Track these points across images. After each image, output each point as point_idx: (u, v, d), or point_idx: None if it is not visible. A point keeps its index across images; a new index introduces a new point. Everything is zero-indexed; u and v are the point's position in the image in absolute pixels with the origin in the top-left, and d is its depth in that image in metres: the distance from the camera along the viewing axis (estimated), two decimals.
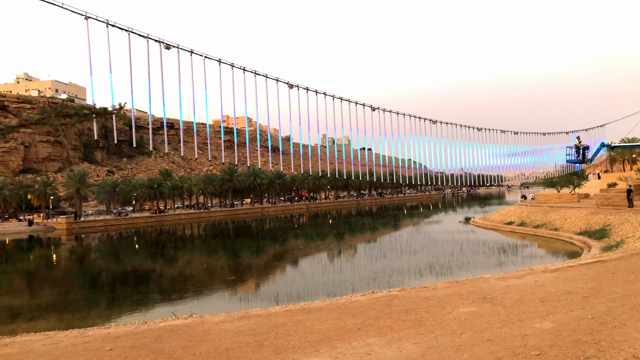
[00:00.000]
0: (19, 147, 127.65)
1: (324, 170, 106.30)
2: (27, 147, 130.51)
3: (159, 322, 11.65)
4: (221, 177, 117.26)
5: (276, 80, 24.21)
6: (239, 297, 25.96)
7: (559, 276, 14.21)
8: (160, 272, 38.24)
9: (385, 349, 8.20)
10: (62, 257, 51.56)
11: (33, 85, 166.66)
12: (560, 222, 43.30)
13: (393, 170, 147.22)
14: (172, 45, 19.23)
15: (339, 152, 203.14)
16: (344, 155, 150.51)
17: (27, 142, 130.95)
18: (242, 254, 46.59)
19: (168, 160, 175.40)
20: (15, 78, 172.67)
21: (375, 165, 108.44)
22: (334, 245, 50.13)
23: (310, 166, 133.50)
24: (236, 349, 8.78)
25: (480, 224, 57.67)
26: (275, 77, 24.18)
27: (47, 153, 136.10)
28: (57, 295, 29.27)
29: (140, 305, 25.07)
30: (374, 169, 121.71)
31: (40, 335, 11.05)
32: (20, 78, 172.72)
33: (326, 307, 11.91)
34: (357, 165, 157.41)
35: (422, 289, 13.74)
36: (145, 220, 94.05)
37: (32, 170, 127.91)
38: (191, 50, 20.06)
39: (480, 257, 34.83)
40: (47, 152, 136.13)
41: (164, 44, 18.92)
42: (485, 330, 8.93)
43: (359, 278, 28.76)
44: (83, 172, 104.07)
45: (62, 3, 15.77)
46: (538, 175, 68.44)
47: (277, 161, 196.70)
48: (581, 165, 54.59)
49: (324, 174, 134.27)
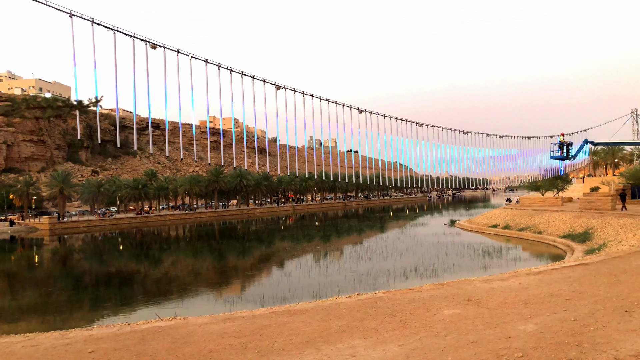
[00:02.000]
0: (1, 146, 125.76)
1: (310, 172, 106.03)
2: (9, 146, 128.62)
3: (142, 324, 11.53)
4: (207, 178, 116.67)
5: (263, 82, 24.17)
6: (223, 299, 25.82)
7: (543, 279, 14.33)
8: (144, 273, 37.90)
9: (370, 351, 8.19)
10: (44, 258, 50.86)
11: (16, 84, 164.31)
12: (544, 225, 43.75)
13: (379, 173, 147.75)
14: (158, 45, 19.09)
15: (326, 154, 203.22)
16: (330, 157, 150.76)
17: (10, 141, 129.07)
18: (227, 255, 46.36)
19: (153, 161, 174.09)
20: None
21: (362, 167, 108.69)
22: (320, 247, 50.10)
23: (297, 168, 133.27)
24: (220, 351, 8.71)
25: (465, 227, 58.05)
26: (263, 78, 24.14)
27: (30, 152, 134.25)
28: (39, 297, 28.85)
29: (123, 307, 24.81)
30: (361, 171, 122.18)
31: (20, 337, 10.86)
32: (2, 76, 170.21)
33: (311, 309, 11.88)
34: (343, 167, 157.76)
35: (408, 290, 13.77)
36: (130, 221, 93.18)
37: (15, 170, 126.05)
38: (177, 50, 19.93)
39: (465, 259, 35.05)
40: (30, 152, 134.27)
41: (150, 44, 18.77)
42: (469, 332, 8.96)
43: (344, 280, 28.77)
44: (67, 172, 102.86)
45: (46, 0, 15.57)
46: (523, 179, 69.14)
47: (263, 162, 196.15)
48: (565, 167, 55.28)
49: (311, 176, 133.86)
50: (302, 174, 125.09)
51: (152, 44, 18.80)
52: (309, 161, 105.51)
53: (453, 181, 58.81)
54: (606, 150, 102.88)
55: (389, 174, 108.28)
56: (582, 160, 62.01)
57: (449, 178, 58.97)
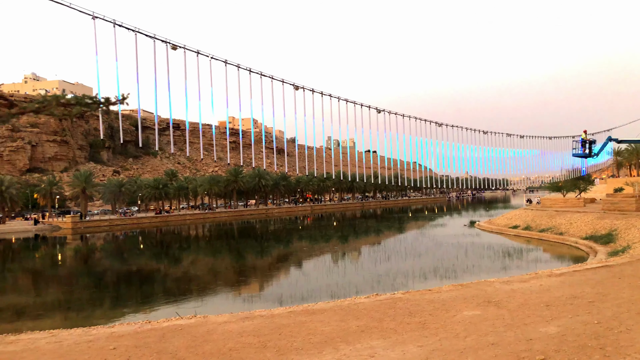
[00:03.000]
0: (26, 146, 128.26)
1: (328, 172, 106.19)
2: (34, 147, 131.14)
3: (162, 322, 11.67)
4: (226, 178, 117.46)
5: (282, 82, 24.25)
6: (242, 298, 25.96)
7: (565, 280, 14.13)
8: (164, 272, 38.30)
9: (389, 352, 8.17)
10: (67, 256, 51.75)
11: (40, 85, 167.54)
12: (565, 226, 43.10)
13: (398, 173, 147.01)
14: (178, 46, 19.28)
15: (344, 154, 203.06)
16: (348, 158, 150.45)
17: (34, 142, 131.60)
18: (246, 255, 46.62)
19: (174, 161, 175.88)
20: (23, 78, 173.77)
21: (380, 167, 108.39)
22: (338, 248, 50.08)
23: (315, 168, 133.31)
24: (239, 349, 8.77)
25: (485, 228, 57.48)
26: (281, 78, 24.22)
27: (54, 152, 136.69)
28: (62, 294, 29.37)
29: (144, 305, 25.10)
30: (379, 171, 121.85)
31: (44, 334, 11.09)
32: (28, 78, 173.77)
33: (330, 309, 11.89)
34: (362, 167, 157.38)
35: (427, 291, 13.70)
36: (151, 220, 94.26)
37: (39, 170, 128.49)
38: (197, 50, 20.12)
39: (485, 260, 34.71)
40: (54, 152, 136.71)
41: (170, 45, 18.98)
42: (489, 333, 8.88)
43: (362, 280, 28.70)
44: (89, 171, 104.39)
45: (69, 3, 15.85)
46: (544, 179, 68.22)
47: (282, 163, 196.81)
48: (587, 168, 54.38)
49: (329, 176, 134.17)
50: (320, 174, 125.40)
51: (172, 45, 19.00)
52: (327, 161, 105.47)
53: (473, 182, 58.31)
54: (630, 150, 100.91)
55: (407, 174, 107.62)
56: (605, 160, 60.94)
57: (468, 178, 58.46)
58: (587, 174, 61.30)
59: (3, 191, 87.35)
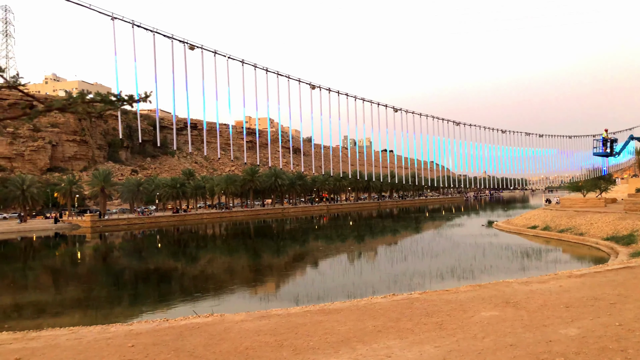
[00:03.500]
0: (47, 146, 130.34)
1: (344, 172, 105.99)
2: (54, 146, 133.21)
3: (180, 320, 11.76)
4: (243, 178, 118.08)
5: (298, 81, 24.28)
6: (259, 297, 26.05)
7: (585, 282, 13.92)
8: (181, 270, 38.62)
9: (406, 352, 8.12)
10: (86, 254, 52.47)
11: (60, 86, 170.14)
12: (586, 226, 42.45)
13: (415, 172, 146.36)
14: (196, 46, 19.41)
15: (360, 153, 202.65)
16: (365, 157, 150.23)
17: (55, 141, 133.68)
18: (262, 254, 46.79)
19: (191, 160, 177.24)
20: (44, 78, 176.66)
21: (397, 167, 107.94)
22: (354, 247, 50.00)
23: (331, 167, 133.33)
24: (256, 348, 8.80)
25: (503, 228, 56.90)
26: (298, 78, 24.24)
27: (73, 152, 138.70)
28: (81, 292, 29.78)
29: (161, 303, 25.34)
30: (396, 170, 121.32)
31: (65, 331, 11.24)
32: (48, 78, 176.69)
33: (346, 309, 11.86)
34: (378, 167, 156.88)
35: (444, 292, 13.60)
36: (168, 219, 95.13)
37: (59, 169, 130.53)
38: (215, 50, 20.23)
39: (503, 261, 34.35)
40: (73, 151, 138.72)
41: (188, 45, 19.11)
42: (508, 334, 8.78)
43: (379, 280, 28.61)
44: (108, 171, 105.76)
45: (89, 4, 16.05)
46: (563, 179, 67.29)
47: (298, 162, 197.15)
48: (608, 167, 53.54)
49: (345, 176, 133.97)
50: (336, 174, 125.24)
51: (190, 45, 19.14)
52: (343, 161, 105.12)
53: (490, 181, 57.78)
54: None
55: (424, 174, 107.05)
56: (627, 159, 59.94)
57: (486, 178, 57.93)
58: (608, 174, 60.34)
59: (24, 190, 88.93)
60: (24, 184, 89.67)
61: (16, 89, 8.27)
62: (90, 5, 16.18)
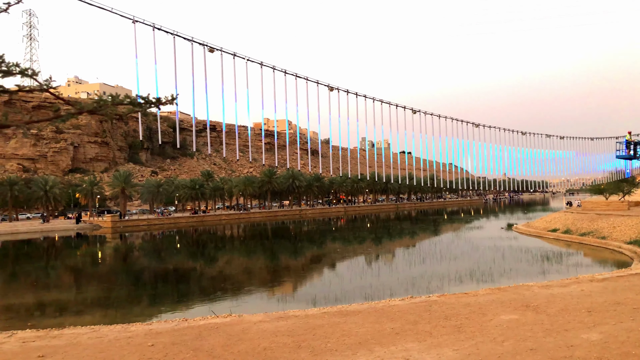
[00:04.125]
0: (69, 147, 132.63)
1: (362, 174, 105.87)
2: (76, 148, 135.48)
3: (199, 320, 11.86)
4: (261, 179, 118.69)
5: (316, 83, 24.32)
6: (276, 298, 26.13)
7: (607, 286, 13.69)
8: (200, 271, 38.93)
9: (424, 355, 8.09)
10: (106, 254, 53.21)
11: (82, 88, 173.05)
12: (608, 230, 41.73)
13: (433, 174, 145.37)
14: (215, 48, 19.58)
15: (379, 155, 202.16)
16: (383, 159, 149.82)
17: (76, 143, 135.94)
18: (280, 255, 46.93)
19: (210, 162, 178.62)
20: (67, 81, 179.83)
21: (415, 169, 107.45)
22: (371, 249, 49.86)
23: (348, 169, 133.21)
24: (274, 349, 8.83)
25: (523, 231, 56.22)
26: (316, 79, 24.29)
27: (95, 153, 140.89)
28: (102, 291, 30.20)
29: (180, 303, 25.57)
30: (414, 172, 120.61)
31: (86, 329, 11.42)
32: (71, 81, 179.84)
33: (364, 311, 11.85)
34: (396, 169, 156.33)
35: (463, 295, 13.50)
36: (187, 220, 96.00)
37: (80, 170, 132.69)
38: (234, 53, 20.38)
39: (522, 264, 33.93)
40: (95, 153, 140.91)
41: (207, 47, 19.29)
42: (528, 339, 8.68)
43: (397, 282, 28.48)
44: (128, 172, 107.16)
45: (111, 7, 16.31)
46: (585, 182, 66.23)
47: (315, 164, 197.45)
48: (632, 170, 52.59)
49: (363, 177, 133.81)
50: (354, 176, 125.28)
51: (209, 48, 19.32)
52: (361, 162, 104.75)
53: (510, 183, 57.13)
54: None
55: (443, 176, 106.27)
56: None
57: (505, 180, 57.32)
58: (631, 176, 59.25)
59: (47, 191, 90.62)
60: (46, 184, 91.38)
61: (47, 91, 8.45)
62: (112, 8, 16.44)
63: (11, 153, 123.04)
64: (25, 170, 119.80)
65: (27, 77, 8.28)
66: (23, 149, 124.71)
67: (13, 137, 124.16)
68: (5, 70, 7.88)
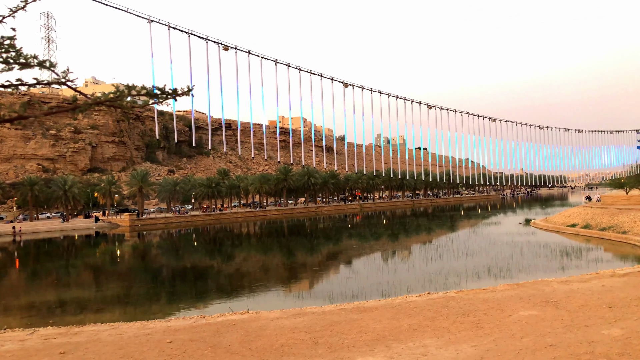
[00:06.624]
0: (87, 147, 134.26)
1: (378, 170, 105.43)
2: (94, 148, 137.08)
3: (216, 317, 11.94)
4: (276, 177, 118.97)
5: (331, 80, 24.27)
6: (293, 295, 26.20)
7: (629, 281, 13.48)
8: (217, 268, 39.19)
9: (442, 351, 8.04)
10: (125, 252, 53.82)
11: (99, 89, 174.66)
12: (629, 224, 41.07)
13: (450, 170, 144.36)
14: (230, 46, 19.64)
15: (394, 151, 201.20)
16: (398, 155, 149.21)
17: (94, 143, 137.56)
18: (296, 252, 47.03)
19: (225, 160, 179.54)
20: (84, 82, 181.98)
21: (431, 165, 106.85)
22: (388, 246, 49.72)
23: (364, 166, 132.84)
24: (291, 345, 8.86)
25: (541, 226, 55.59)
26: (330, 76, 24.23)
27: (112, 153, 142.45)
28: (121, 289, 30.57)
29: (198, 300, 25.77)
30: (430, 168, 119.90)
31: (106, 326, 11.58)
32: (88, 82, 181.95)
33: (381, 307, 11.82)
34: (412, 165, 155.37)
35: (481, 291, 13.40)
36: (204, 218, 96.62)
37: (98, 170, 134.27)
38: (248, 51, 20.43)
39: (541, 260, 33.56)
40: (112, 152, 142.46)
41: (222, 45, 19.35)
42: (547, 334, 8.59)
43: (414, 279, 28.38)
44: (145, 171, 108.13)
45: (127, 8, 16.45)
46: (604, 176, 65.23)
47: (331, 161, 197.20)
48: None
49: (378, 174, 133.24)
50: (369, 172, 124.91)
51: (224, 46, 19.38)
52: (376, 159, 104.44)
53: (528, 178, 56.52)
54: None
55: (459, 172, 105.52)
56: None
57: (523, 175, 56.71)
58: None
59: (66, 190, 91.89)
60: (65, 184, 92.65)
61: (65, 84, 8.52)
62: (128, 9, 16.58)
63: (31, 153, 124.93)
64: (44, 170, 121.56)
65: (45, 69, 8.37)
66: (42, 150, 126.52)
67: (33, 137, 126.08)
68: (23, 62, 7.97)
